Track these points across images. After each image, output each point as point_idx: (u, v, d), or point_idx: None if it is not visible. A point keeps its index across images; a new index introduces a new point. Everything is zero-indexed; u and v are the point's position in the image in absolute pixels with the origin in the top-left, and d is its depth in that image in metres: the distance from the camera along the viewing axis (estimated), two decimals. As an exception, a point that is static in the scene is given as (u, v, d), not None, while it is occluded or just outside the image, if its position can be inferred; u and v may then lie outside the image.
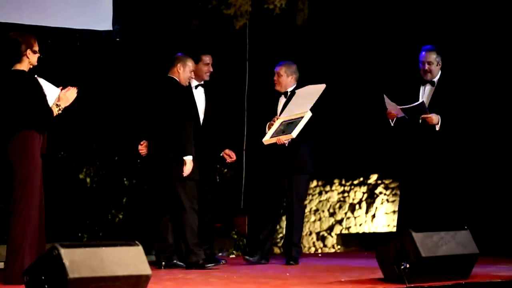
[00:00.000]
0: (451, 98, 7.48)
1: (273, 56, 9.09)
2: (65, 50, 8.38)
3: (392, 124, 7.51)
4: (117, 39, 8.31)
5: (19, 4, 7.74)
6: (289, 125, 7.41)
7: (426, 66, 7.51)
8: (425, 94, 7.54)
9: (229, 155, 7.74)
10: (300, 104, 7.45)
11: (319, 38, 9.98)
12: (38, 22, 7.77)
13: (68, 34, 8.09)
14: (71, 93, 6.09)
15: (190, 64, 7.39)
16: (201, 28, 9.15)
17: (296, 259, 7.65)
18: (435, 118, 7.37)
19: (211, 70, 7.68)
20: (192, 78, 7.43)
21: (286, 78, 7.67)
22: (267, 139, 7.38)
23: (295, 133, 7.26)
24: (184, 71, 7.34)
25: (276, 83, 7.66)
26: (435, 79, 7.55)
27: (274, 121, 7.46)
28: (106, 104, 8.53)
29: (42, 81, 6.10)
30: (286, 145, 7.45)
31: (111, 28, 8.27)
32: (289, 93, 7.67)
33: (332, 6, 10.01)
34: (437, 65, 7.55)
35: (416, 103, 7.38)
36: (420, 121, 7.42)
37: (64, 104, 6.07)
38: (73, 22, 8.04)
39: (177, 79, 7.34)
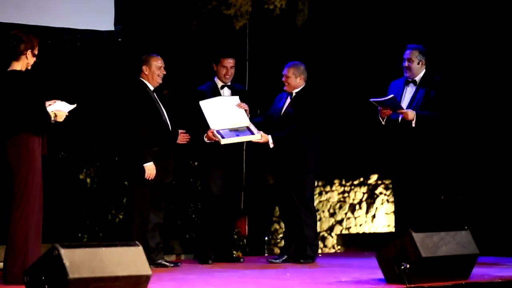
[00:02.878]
0: (430, 96, 7.56)
1: (273, 56, 9.10)
2: (66, 50, 8.37)
3: (383, 123, 7.58)
4: (119, 39, 8.32)
5: (20, 4, 7.74)
6: (242, 131, 7.50)
7: (406, 63, 7.62)
8: (407, 93, 7.63)
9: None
10: (225, 117, 7.51)
11: (319, 38, 9.98)
12: (39, 22, 7.77)
13: (69, 34, 8.10)
14: (63, 114, 6.11)
15: (155, 62, 7.38)
16: (201, 29, 9.15)
17: (312, 258, 7.64)
18: (410, 114, 7.45)
19: (230, 74, 7.70)
20: (164, 73, 7.44)
21: (295, 79, 7.70)
22: (225, 140, 7.43)
23: (258, 133, 7.46)
24: (150, 71, 7.36)
25: (285, 84, 7.70)
26: (417, 78, 7.63)
27: (212, 131, 7.49)
28: (107, 104, 8.53)
29: (58, 103, 6.13)
30: (271, 146, 7.55)
31: (112, 28, 8.28)
32: (294, 95, 7.71)
33: (332, 6, 10.01)
34: (418, 63, 7.64)
35: (387, 97, 7.47)
36: (400, 120, 7.50)
37: (58, 115, 6.07)
38: (75, 22, 8.05)
39: (145, 81, 7.38)
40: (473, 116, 9.50)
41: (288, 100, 7.73)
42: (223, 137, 7.39)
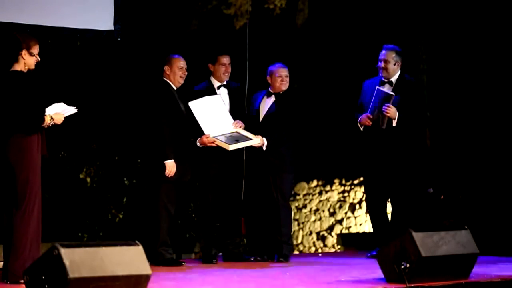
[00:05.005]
0: (407, 96, 7.71)
1: (273, 56, 9.09)
2: (66, 50, 8.37)
3: (361, 129, 7.73)
4: (118, 39, 8.32)
5: (20, 3, 7.74)
6: (237, 136, 7.59)
7: (383, 64, 7.79)
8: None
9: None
10: (215, 120, 7.59)
11: (319, 38, 9.98)
12: (39, 22, 7.77)
13: (69, 33, 8.10)
14: (61, 116, 6.12)
15: (176, 62, 7.52)
16: (201, 28, 9.15)
17: (287, 257, 7.74)
18: (394, 112, 7.61)
19: (229, 71, 7.81)
20: (185, 74, 7.55)
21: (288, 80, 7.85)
22: (232, 146, 7.50)
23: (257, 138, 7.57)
24: (172, 71, 7.50)
25: (283, 84, 7.80)
26: (393, 79, 7.74)
27: (208, 137, 7.54)
28: (107, 104, 8.53)
29: (57, 105, 6.14)
30: (264, 149, 7.66)
31: (112, 28, 8.28)
32: (278, 94, 7.81)
33: (332, 6, 10.01)
34: (394, 64, 7.79)
35: (391, 92, 7.61)
36: (385, 126, 7.67)
37: (55, 118, 6.09)
38: (74, 22, 8.05)
39: (168, 80, 7.50)
40: (473, 116, 9.51)
41: (272, 100, 7.83)
42: (227, 143, 7.47)
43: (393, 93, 7.60)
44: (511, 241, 8.46)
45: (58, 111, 6.12)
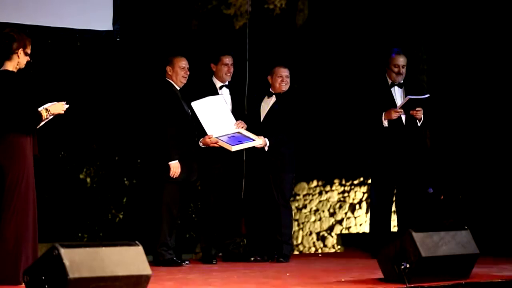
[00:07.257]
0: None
1: (273, 56, 9.09)
2: (65, 50, 8.36)
3: (385, 125, 7.76)
4: (118, 39, 8.32)
5: (19, 4, 7.74)
6: (239, 137, 7.60)
7: (402, 70, 7.84)
8: (397, 95, 7.85)
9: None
10: (218, 121, 7.60)
11: (319, 38, 9.98)
12: (38, 22, 7.77)
13: (68, 34, 8.10)
14: (60, 106, 6.06)
15: (178, 62, 7.54)
16: (201, 28, 9.14)
17: (287, 257, 7.77)
18: (422, 115, 7.81)
19: (231, 71, 7.83)
20: (188, 74, 7.56)
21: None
22: (235, 147, 7.51)
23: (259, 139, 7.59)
24: (174, 72, 7.52)
25: (284, 84, 7.82)
26: (401, 81, 7.83)
27: (210, 138, 7.54)
28: (107, 104, 8.53)
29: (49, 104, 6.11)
30: (266, 149, 7.68)
31: (111, 28, 8.28)
32: (279, 94, 7.82)
33: (333, 6, 10.00)
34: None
35: (425, 96, 7.73)
36: (404, 120, 7.78)
37: (53, 110, 6.03)
38: (74, 22, 8.05)
39: (171, 80, 7.52)
40: (473, 116, 9.51)
41: (272, 100, 7.86)
42: (230, 144, 7.48)
43: (427, 95, 7.72)
44: (511, 241, 8.46)
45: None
